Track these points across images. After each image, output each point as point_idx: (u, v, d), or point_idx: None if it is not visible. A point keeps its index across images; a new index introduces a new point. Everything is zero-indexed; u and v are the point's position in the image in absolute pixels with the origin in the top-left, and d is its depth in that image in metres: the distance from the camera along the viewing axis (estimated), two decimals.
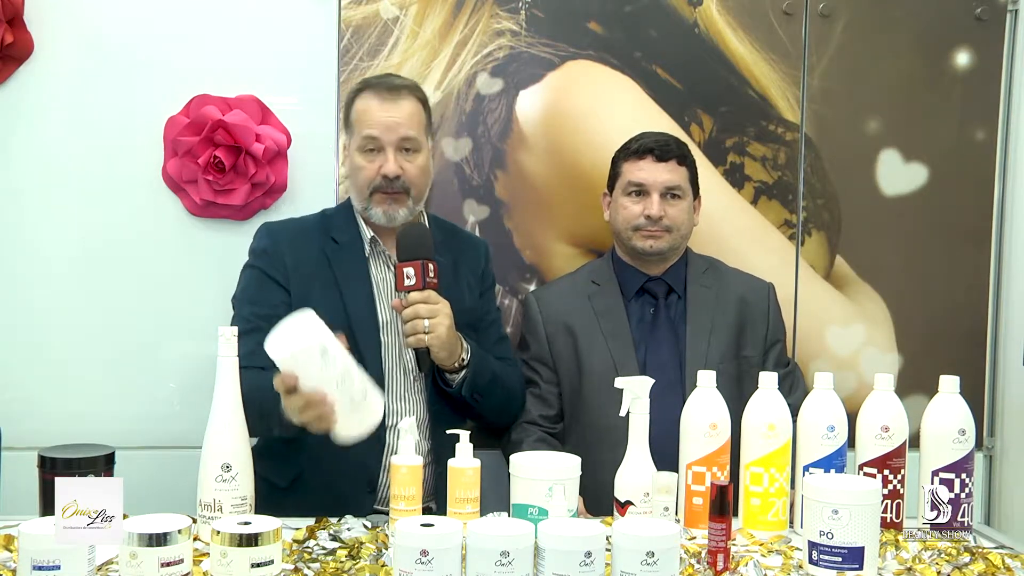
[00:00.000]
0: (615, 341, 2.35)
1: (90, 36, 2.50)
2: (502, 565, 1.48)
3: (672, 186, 2.34)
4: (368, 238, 2.23)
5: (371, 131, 2.17)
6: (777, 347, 2.44)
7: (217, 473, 1.75)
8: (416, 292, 2.09)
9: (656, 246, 2.36)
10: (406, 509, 1.78)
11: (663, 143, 2.36)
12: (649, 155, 2.35)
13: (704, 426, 1.92)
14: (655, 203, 2.33)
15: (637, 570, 1.51)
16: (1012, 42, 2.78)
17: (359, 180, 2.20)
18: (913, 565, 1.74)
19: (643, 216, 2.34)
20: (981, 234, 2.82)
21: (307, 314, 1.77)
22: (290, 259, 2.20)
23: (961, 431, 1.93)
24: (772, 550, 1.82)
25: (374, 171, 2.17)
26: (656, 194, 2.34)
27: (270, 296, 2.17)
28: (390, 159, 2.17)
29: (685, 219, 2.38)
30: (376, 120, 2.17)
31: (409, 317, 2.09)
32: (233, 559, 1.51)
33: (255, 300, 2.18)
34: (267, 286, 2.18)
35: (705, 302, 2.39)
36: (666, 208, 2.35)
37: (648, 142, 2.37)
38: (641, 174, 2.35)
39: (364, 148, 2.19)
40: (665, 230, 2.35)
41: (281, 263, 2.19)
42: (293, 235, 2.24)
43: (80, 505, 1.45)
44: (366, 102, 2.20)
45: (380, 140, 2.17)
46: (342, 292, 2.18)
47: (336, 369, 1.77)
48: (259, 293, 2.18)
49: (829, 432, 1.91)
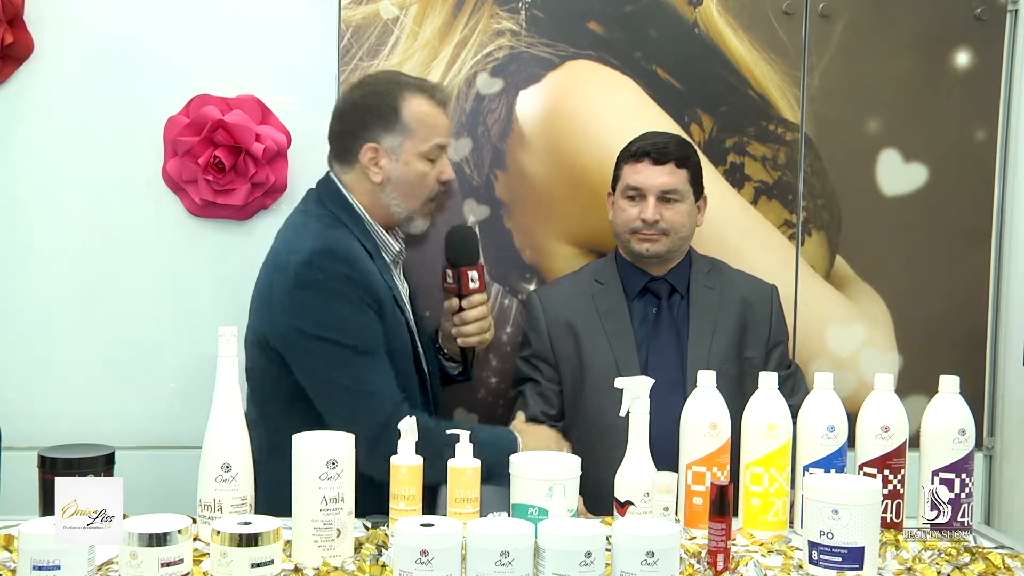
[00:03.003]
0: (617, 340, 2.35)
1: (90, 36, 2.50)
2: (502, 565, 1.48)
3: (668, 189, 2.33)
4: (396, 250, 2.19)
5: (442, 140, 2.15)
6: (779, 349, 2.43)
7: (217, 473, 1.75)
8: (480, 295, 2.19)
9: (652, 249, 2.35)
10: (406, 509, 1.78)
11: (661, 146, 2.35)
12: (646, 158, 2.35)
13: (704, 426, 1.92)
14: (650, 207, 2.33)
15: (637, 570, 1.51)
16: (1012, 42, 2.78)
17: (420, 186, 2.13)
18: (913, 565, 1.74)
19: (639, 219, 2.34)
20: (981, 234, 2.81)
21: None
22: (370, 284, 2.06)
23: (961, 431, 1.93)
24: (772, 550, 1.82)
25: (434, 178, 2.15)
26: (652, 197, 2.33)
27: (374, 324, 2.05)
28: (448, 164, 2.18)
29: (683, 222, 2.36)
30: (444, 126, 2.16)
31: (475, 318, 2.19)
32: (233, 559, 1.51)
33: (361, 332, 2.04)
34: (367, 314, 2.05)
35: (708, 303, 2.39)
36: (663, 211, 2.34)
37: (646, 145, 2.36)
38: (638, 177, 2.35)
39: (429, 155, 2.13)
40: (662, 233, 2.35)
41: (369, 289, 2.05)
42: (360, 256, 2.08)
43: (80, 505, 1.45)
44: (422, 106, 2.13)
45: (447, 147, 2.17)
46: (402, 309, 2.13)
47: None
48: (365, 323, 2.04)
49: (829, 432, 1.91)
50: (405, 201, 2.15)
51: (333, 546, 1.66)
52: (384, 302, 2.06)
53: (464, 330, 2.19)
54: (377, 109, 2.14)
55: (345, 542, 1.68)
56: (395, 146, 2.13)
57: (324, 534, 1.65)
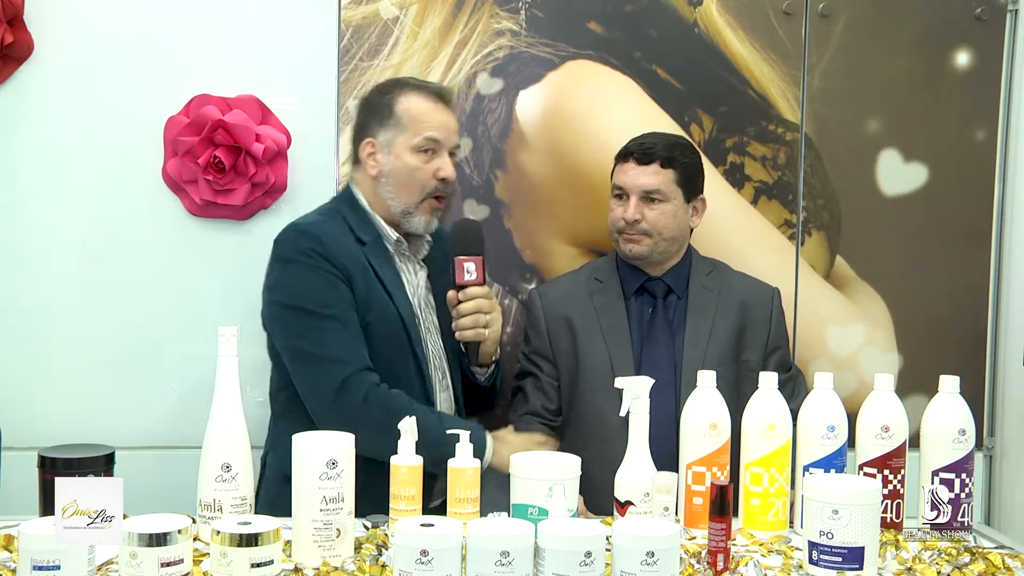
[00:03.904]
0: (613, 339, 2.35)
1: (90, 36, 2.50)
2: (502, 565, 1.48)
3: (651, 190, 2.32)
4: (394, 239, 2.21)
5: (433, 133, 2.17)
6: (778, 353, 2.42)
7: (217, 473, 1.75)
8: (477, 287, 2.17)
9: (635, 250, 2.35)
10: (406, 509, 1.78)
11: (647, 146, 2.34)
12: (631, 158, 2.35)
13: (704, 426, 1.92)
14: (631, 206, 2.33)
15: (637, 570, 1.51)
16: (1012, 42, 2.78)
17: (414, 180, 2.16)
18: (913, 565, 1.74)
19: (622, 219, 2.34)
20: (981, 234, 2.82)
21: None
22: (339, 258, 2.12)
23: (961, 431, 1.93)
24: (772, 550, 1.82)
25: (429, 173, 2.16)
26: (635, 197, 2.33)
27: (341, 294, 2.10)
28: (448, 162, 2.19)
29: (667, 223, 2.34)
30: (438, 122, 2.17)
31: (470, 311, 2.16)
32: (233, 559, 1.51)
33: (326, 300, 2.09)
34: (336, 284, 2.10)
35: (706, 304, 2.38)
36: (645, 212, 2.33)
37: (632, 145, 2.36)
38: (622, 177, 2.35)
39: (420, 148, 2.16)
40: (644, 234, 2.34)
41: (337, 262, 2.11)
42: (333, 235, 2.14)
43: (80, 505, 1.45)
44: (418, 102, 2.17)
45: (441, 142, 2.17)
46: (389, 292, 2.16)
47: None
48: (331, 292, 2.10)
49: (829, 432, 1.91)
50: (400, 195, 2.18)
51: (333, 546, 1.66)
52: (355, 275, 2.11)
53: (459, 323, 2.18)
54: (375, 107, 2.22)
55: (345, 542, 1.68)
56: (388, 140, 2.19)
57: (324, 534, 1.65)
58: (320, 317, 2.07)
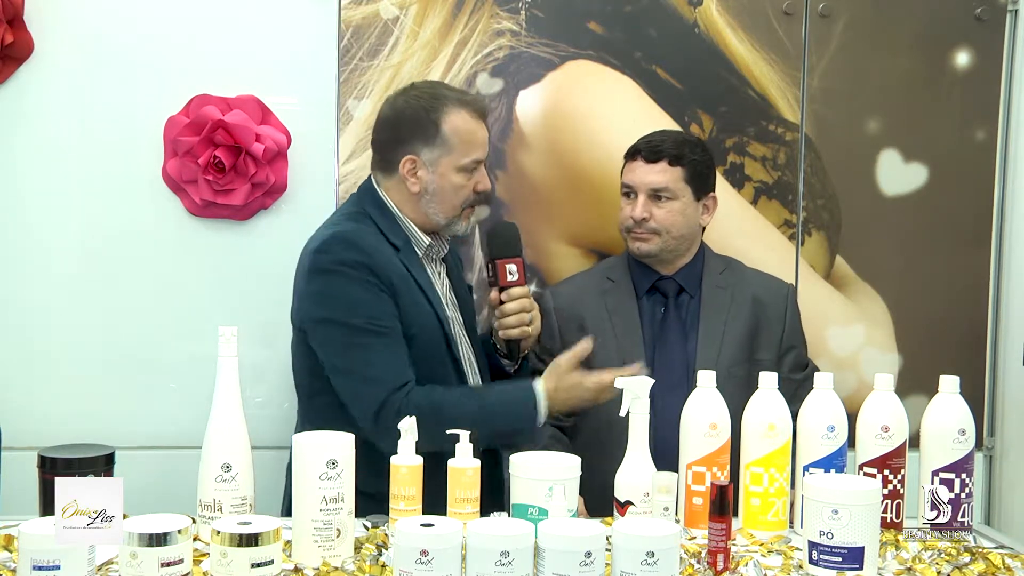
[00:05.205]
0: (625, 339, 2.34)
1: (90, 36, 2.50)
2: (502, 565, 1.48)
3: (658, 188, 2.32)
4: (425, 244, 2.21)
5: (480, 154, 2.19)
6: (794, 352, 2.40)
7: (217, 473, 1.75)
8: (519, 287, 2.23)
9: (643, 248, 2.35)
10: (406, 509, 1.78)
11: (655, 144, 2.34)
12: (639, 156, 2.35)
13: (704, 426, 1.92)
14: (639, 204, 2.32)
15: (637, 570, 1.51)
16: (1012, 42, 2.78)
17: (456, 197, 2.17)
18: (913, 565, 1.74)
19: (631, 218, 2.34)
20: (981, 234, 2.82)
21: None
22: (384, 270, 2.11)
23: (961, 431, 1.93)
24: (772, 550, 1.82)
25: (471, 188, 2.19)
26: (642, 195, 2.33)
27: (386, 307, 2.09)
28: (485, 175, 2.22)
29: (676, 221, 2.34)
30: (483, 140, 2.19)
31: (515, 310, 2.22)
32: (233, 559, 1.51)
33: (372, 313, 2.09)
34: (380, 297, 2.09)
35: (719, 303, 2.37)
36: (653, 210, 2.33)
37: (640, 143, 2.36)
38: (630, 175, 2.35)
39: (467, 169, 2.17)
40: (652, 232, 2.34)
41: (383, 275, 2.10)
42: (375, 245, 2.13)
43: (80, 505, 1.45)
44: (464, 121, 2.16)
45: (484, 161, 2.20)
46: (429, 299, 2.16)
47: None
48: (377, 306, 2.09)
49: (829, 432, 1.91)
50: (442, 210, 2.19)
51: (333, 546, 1.66)
52: (398, 287, 2.11)
53: (504, 322, 2.24)
54: (418, 122, 2.16)
55: (345, 542, 1.68)
56: (433, 159, 2.16)
57: (324, 534, 1.66)
58: (365, 333, 2.06)
